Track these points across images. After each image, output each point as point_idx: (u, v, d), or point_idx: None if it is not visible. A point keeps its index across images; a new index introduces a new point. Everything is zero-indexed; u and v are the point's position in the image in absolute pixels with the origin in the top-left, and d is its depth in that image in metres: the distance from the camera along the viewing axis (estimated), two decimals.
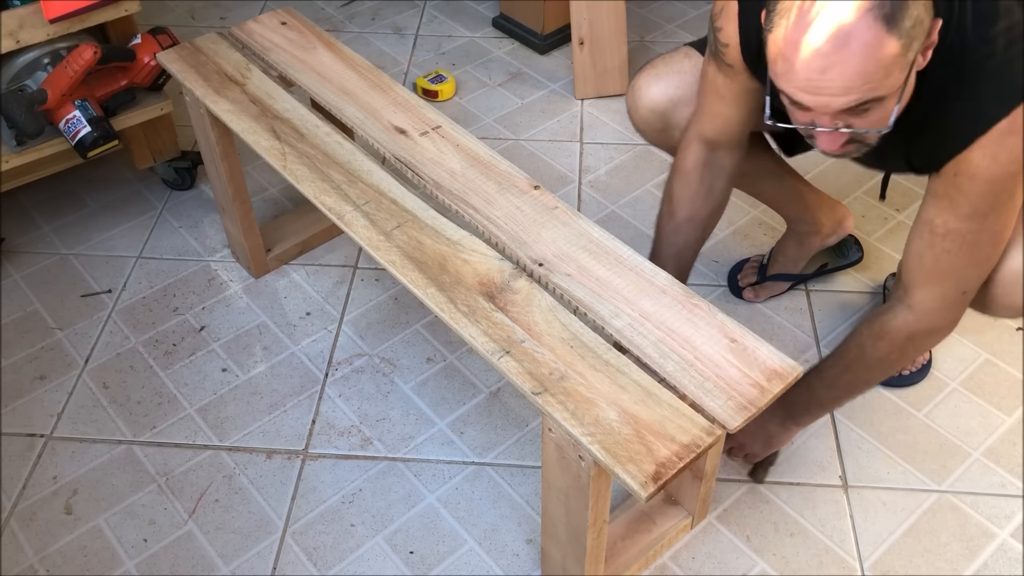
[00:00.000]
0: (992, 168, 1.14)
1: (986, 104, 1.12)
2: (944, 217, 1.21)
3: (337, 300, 1.94)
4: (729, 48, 1.32)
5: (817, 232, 1.82)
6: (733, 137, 1.44)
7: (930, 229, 1.24)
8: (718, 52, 1.35)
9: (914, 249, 1.27)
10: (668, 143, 1.59)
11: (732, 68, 1.34)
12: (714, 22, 1.34)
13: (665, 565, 1.50)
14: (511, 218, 1.38)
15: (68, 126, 1.81)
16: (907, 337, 1.32)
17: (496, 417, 1.71)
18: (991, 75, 1.11)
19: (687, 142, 1.48)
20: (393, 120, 1.57)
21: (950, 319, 1.31)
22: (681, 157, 1.48)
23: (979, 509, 1.56)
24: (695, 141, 1.46)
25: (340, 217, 1.40)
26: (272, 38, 1.78)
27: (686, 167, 1.47)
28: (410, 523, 1.56)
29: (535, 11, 2.59)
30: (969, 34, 1.11)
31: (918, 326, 1.31)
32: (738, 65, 1.33)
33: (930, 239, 1.24)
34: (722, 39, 1.33)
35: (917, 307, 1.30)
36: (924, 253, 1.26)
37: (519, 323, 1.23)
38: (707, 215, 1.50)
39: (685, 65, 1.53)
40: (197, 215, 2.14)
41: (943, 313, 1.30)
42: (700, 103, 1.45)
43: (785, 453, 1.64)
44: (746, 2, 1.28)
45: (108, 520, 1.57)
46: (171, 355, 1.83)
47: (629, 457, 1.07)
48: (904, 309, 1.31)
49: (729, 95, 1.38)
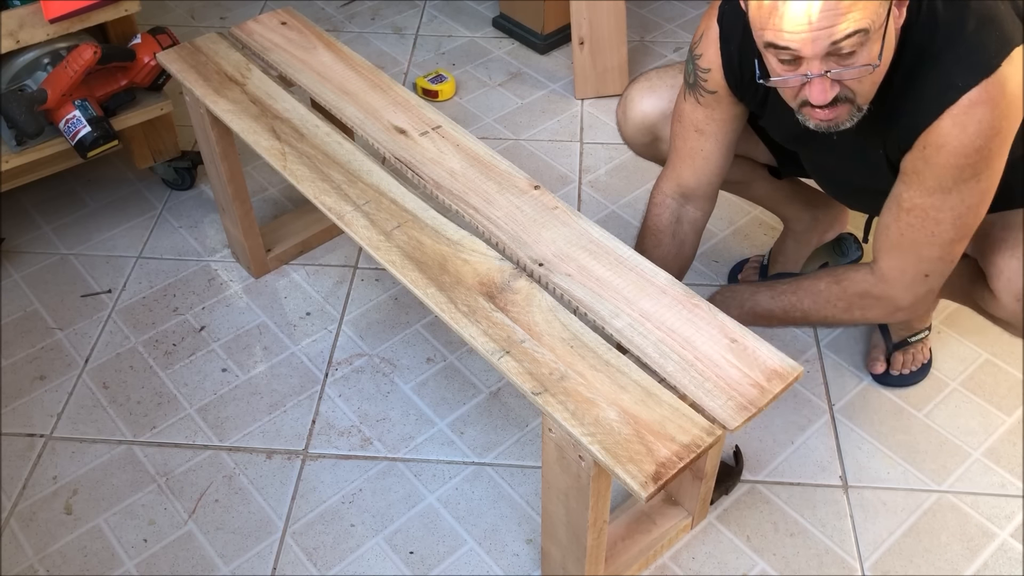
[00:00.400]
0: (960, 138, 1.15)
1: (955, 75, 1.14)
2: (911, 192, 1.24)
3: (337, 300, 1.94)
4: (711, 72, 1.35)
5: (813, 230, 1.82)
6: (710, 179, 1.46)
7: (897, 203, 1.27)
8: (697, 82, 1.37)
9: (883, 221, 1.30)
10: (656, 156, 1.60)
11: (714, 95, 1.36)
12: (693, 51, 1.37)
13: (665, 565, 1.50)
14: (511, 218, 1.38)
15: (68, 126, 1.81)
16: (860, 293, 1.35)
17: (496, 417, 1.71)
18: (963, 46, 1.14)
19: (659, 197, 1.49)
20: (393, 120, 1.57)
21: (908, 297, 1.33)
22: (652, 215, 1.50)
23: (979, 509, 1.56)
24: (669, 196, 1.48)
25: (340, 217, 1.40)
26: (272, 38, 1.78)
27: (659, 226, 1.49)
28: (410, 523, 1.56)
29: (535, 11, 2.59)
30: (941, 6, 1.15)
31: (873, 289, 1.34)
32: (721, 90, 1.35)
33: (896, 212, 1.27)
34: (703, 65, 1.35)
35: (877, 272, 1.33)
36: (890, 225, 1.29)
37: (519, 323, 1.22)
38: (678, 271, 1.51)
39: (679, 80, 1.54)
40: (197, 215, 2.14)
41: (901, 287, 1.32)
42: (675, 150, 1.46)
43: (785, 453, 1.64)
44: (726, 23, 1.31)
45: (108, 520, 1.57)
46: (171, 355, 1.83)
47: (629, 457, 1.07)
48: (867, 270, 1.35)
49: (709, 128, 1.40)
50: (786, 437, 1.67)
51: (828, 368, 1.78)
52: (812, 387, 1.75)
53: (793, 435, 1.67)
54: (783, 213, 1.83)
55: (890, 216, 1.28)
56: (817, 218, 1.81)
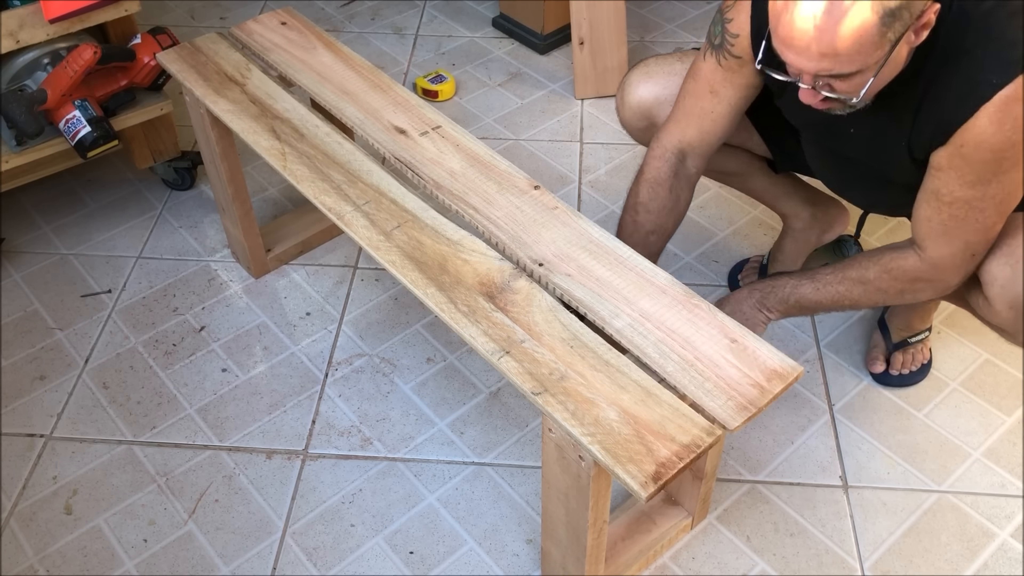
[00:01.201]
0: (997, 136, 1.17)
1: (989, 72, 1.16)
2: (951, 186, 1.25)
3: (337, 300, 1.94)
4: (740, 38, 1.35)
5: (812, 228, 1.83)
6: (711, 139, 1.46)
7: (937, 197, 1.28)
8: (724, 45, 1.37)
9: (923, 214, 1.31)
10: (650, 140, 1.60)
11: (738, 60, 1.37)
12: (724, 14, 1.37)
13: (665, 565, 1.50)
14: (511, 218, 1.38)
15: (68, 126, 1.81)
16: (912, 279, 1.37)
17: (496, 417, 1.71)
18: (995, 43, 1.16)
19: (659, 151, 1.49)
20: (393, 120, 1.57)
21: (958, 277, 1.36)
22: (652, 167, 1.49)
23: (979, 509, 1.56)
24: (668, 150, 1.48)
25: (340, 217, 1.40)
26: (272, 38, 1.78)
27: (658, 178, 1.48)
28: (410, 523, 1.56)
29: (535, 11, 2.59)
30: (971, 5, 1.16)
31: (926, 274, 1.36)
32: (746, 56, 1.36)
33: (937, 206, 1.28)
34: (732, 29, 1.36)
35: (927, 260, 1.34)
36: (932, 218, 1.30)
37: (519, 323, 1.22)
38: (672, 226, 1.51)
39: (677, 67, 1.55)
40: (197, 215, 2.14)
41: (952, 270, 1.34)
42: (683, 107, 1.46)
43: (785, 453, 1.64)
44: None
45: (108, 520, 1.57)
46: (171, 355, 1.83)
47: (629, 457, 1.07)
48: (916, 257, 1.35)
49: (724, 92, 1.41)
50: (786, 437, 1.67)
51: (828, 368, 1.78)
52: (812, 387, 1.75)
53: (793, 435, 1.67)
54: (781, 209, 1.83)
55: (930, 209, 1.30)
56: (816, 216, 1.81)
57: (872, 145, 1.35)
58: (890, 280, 1.38)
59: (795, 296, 1.44)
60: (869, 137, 1.34)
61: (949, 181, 1.25)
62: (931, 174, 1.28)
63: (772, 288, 1.46)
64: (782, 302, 1.45)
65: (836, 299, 1.43)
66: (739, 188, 1.79)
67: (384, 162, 1.51)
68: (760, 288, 1.47)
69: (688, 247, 2.03)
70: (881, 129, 1.31)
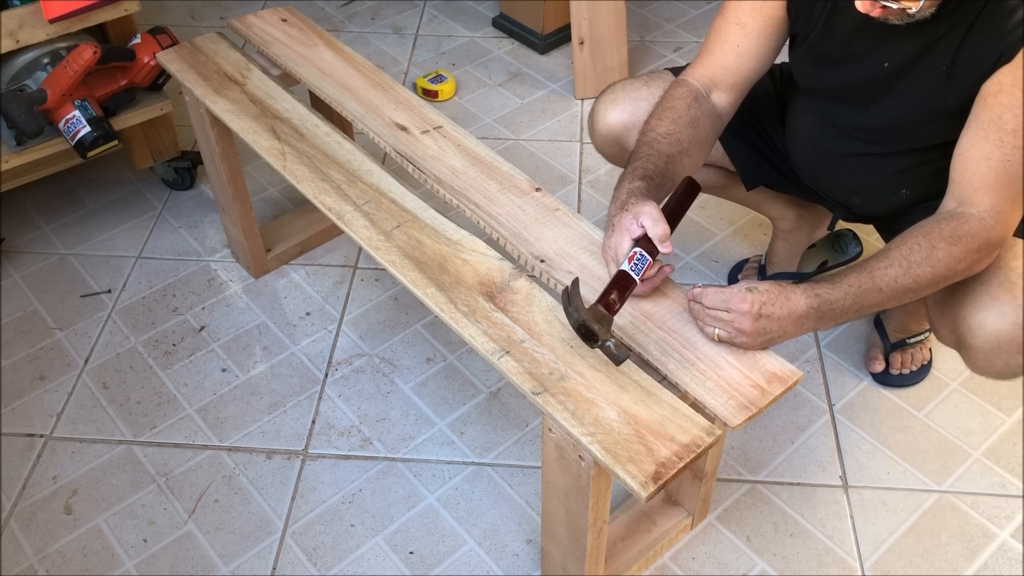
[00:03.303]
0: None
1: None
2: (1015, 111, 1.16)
3: (337, 300, 1.94)
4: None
5: (800, 228, 1.82)
6: (735, 75, 1.39)
7: (997, 127, 1.17)
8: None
9: (980, 152, 1.19)
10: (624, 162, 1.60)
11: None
12: None
13: (665, 565, 1.50)
14: (512, 216, 1.38)
15: (68, 126, 1.80)
16: (980, 246, 1.21)
17: (496, 417, 1.71)
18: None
19: (680, 81, 1.42)
20: (394, 117, 1.57)
21: (1007, 233, 1.23)
22: (669, 95, 1.40)
23: (979, 509, 1.56)
24: (689, 84, 1.40)
25: (340, 217, 1.40)
26: (272, 32, 1.77)
27: (674, 95, 1.39)
28: (410, 523, 1.56)
29: (535, 11, 2.59)
30: None
31: (991, 235, 1.21)
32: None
33: (998, 137, 1.17)
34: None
35: (989, 214, 1.20)
36: (992, 154, 1.18)
37: (519, 323, 1.22)
38: (687, 140, 1.35)
39: (643, 92, 1.54)
40: (197, 215, 2.14)
41: (1004, 225, 1.22)
42: (707, 47, 1.40)
43: (785, 453, 1.64)
44: None
45: (108, 520, 1.56)
46: (171, 355, 1.83)
47: (629, 457, 1.07)
48: (976, 218, 1.21)
49: (752, 24, 1.36)
50: (786, 437, 1.67)
51: (828, 368, 1.78)
52: (812, 387, 1.75)
53: (793, 435, 1.67)
54: (768, 213, 1.83)
55: (989, 145, 1.18)
56: (802, 216, 1.81)
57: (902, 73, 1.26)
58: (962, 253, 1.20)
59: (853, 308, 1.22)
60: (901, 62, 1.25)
61: (1012, 106, 1.16)
62: (986, 103, 1.18)
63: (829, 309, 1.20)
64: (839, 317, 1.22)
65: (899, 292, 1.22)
66: (725, 197, 1.79)
67: (385, 158, 1.52)
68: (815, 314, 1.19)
69: (688, 247, 2.03)
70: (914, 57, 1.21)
